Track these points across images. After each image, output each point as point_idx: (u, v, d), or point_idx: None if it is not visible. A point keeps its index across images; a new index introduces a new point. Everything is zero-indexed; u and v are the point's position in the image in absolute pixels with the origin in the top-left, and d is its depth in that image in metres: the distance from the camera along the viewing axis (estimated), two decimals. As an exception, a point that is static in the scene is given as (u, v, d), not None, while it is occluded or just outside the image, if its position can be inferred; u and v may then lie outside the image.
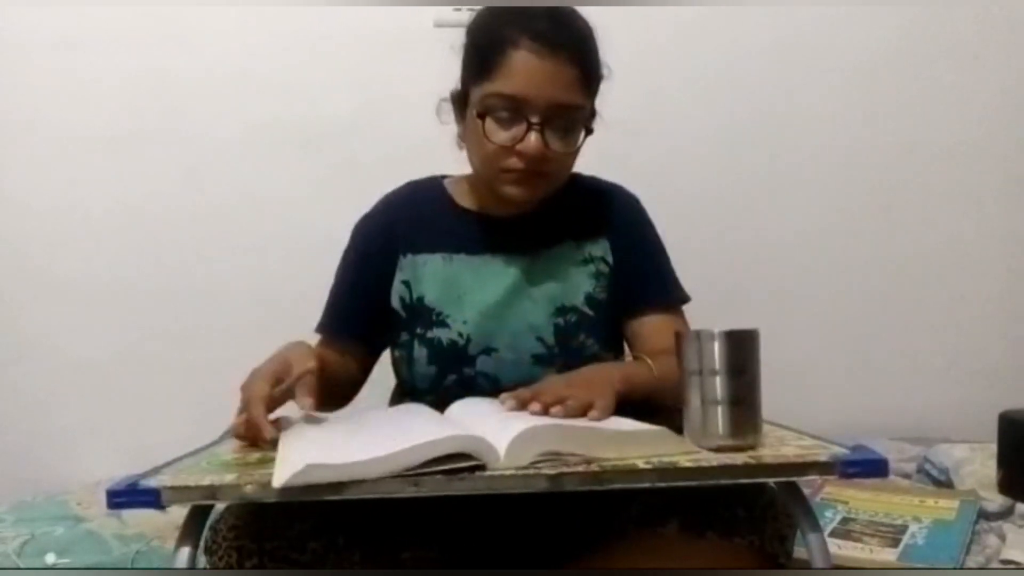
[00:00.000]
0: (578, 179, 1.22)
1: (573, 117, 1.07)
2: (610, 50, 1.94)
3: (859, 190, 2.03)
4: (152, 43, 1.94)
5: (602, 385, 0.93)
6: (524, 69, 1.03)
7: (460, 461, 0.73)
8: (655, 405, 0.95)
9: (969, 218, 2.04)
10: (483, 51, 1.07)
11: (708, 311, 1.12)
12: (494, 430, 0.77)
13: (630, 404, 0.94)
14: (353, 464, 0.71)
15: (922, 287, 2.03)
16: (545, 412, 0.85)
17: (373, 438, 0.79)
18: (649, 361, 1.03)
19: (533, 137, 1.04)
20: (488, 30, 1.08)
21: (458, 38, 1.12)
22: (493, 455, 0.74)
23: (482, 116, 1.06)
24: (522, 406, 0.89)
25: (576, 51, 1.05)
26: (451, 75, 1.15)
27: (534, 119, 1.04)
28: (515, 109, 1.04)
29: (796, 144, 2.02)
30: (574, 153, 1.10)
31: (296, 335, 1.20)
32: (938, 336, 2.03)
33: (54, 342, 1.95)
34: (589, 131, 1.10)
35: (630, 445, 0.79)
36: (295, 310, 1.23)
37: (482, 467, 0.73)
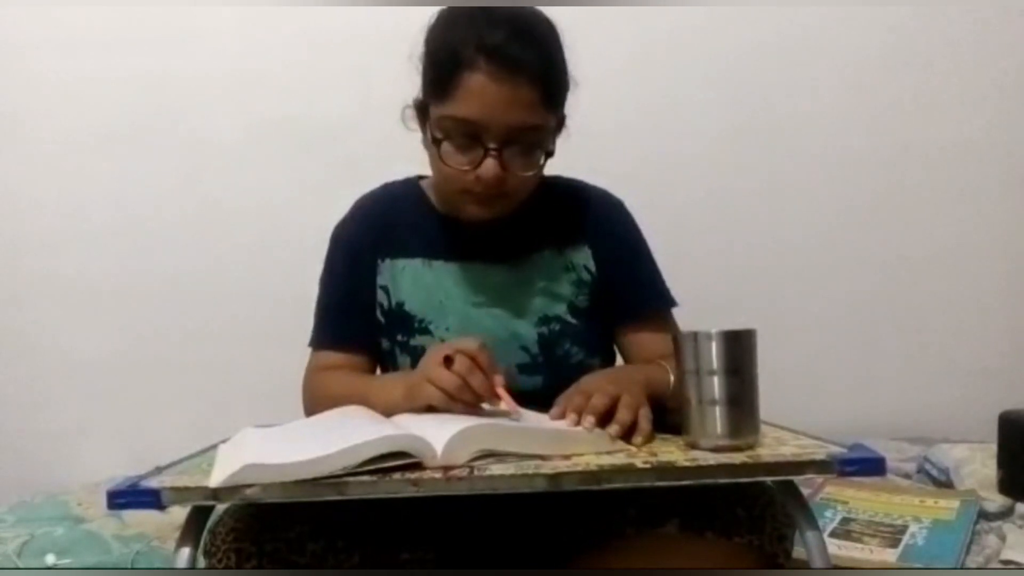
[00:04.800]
0: (560, 182, 1.20)
1: (534, 138, 1.02)
2: (609, 50, 1.95)
3: (858, 190, 2.03)
4: (152, 43, 1.94)
5: (633, 385, 0.92)
6: (480, 93, 0.98)
7: (401, 460, 0.75)
8: (670, 408, 0.95)
9: (969, 218, 2.04)
10: (438, 68, 1.02)
11: (708, 312, 1.12)
12: (433, 429, 0.79)
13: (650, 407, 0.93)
14: (291, 464, 0.72)
15: (922, 287, 2.03)
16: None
17: (313, 440, 0.80)
18: (666, 365, 0.99)
19: (491, 163, 1.00)
20: (443, 44, 1.02)
21: (416, 45, 1.06)
22: (431, 453, 0.76)
23: (438, 140, 1.02)
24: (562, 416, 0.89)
25: (537, 69, 0.99)
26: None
27: (491, 144, 0.99)
28: (471, 134, 1.00)
29: (795, 144, 2.02)
30: (537, 171, 1.06)
31: (296, 335, 1.20)
32: (938, 336, 2.03)
33: (54, 342, 1.95)
34: (550, 154, 1.05)
35: (564, 443, 0.82)
36: (295, 310, 1.23)
37: (419, 465, 0.75)
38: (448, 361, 0.89)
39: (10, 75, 1.94)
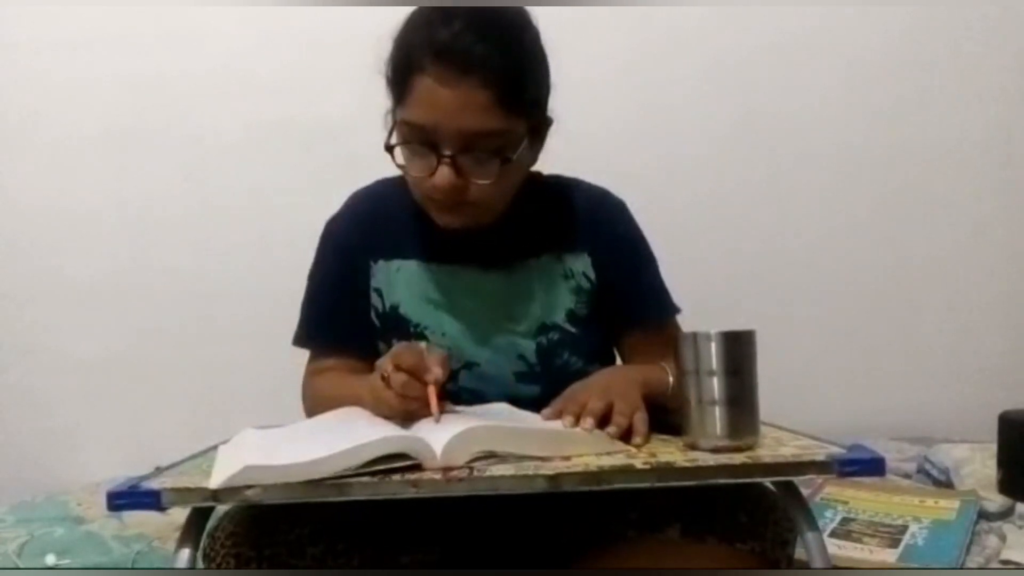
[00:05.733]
0: (559, 183, 1.16)
1: (493, 144, 0.95)
2: (609, 50, 1.94)
3: (859, 190, 2.03)
4: (152, 43, 1.94)
5: (629, 387, 0.92)
6: (430, 98, 0.93)
7: (401, 461, 0.75)
8: (670, 408, 0.94)
9: (969, 218, 2.04)
10: (395, 72, 0.99)
11: (708, 312, 1.12)
12: (432, 431, 0.79)
13: (648, 407, 0.93)
14: (291, 466, 0.72)
15: (922, 288, 2.03)
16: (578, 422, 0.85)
17: (313, 441, 0.80)
18: (665, 366, 0.98)
19: (444, 171, 0.95)
20: (399, 47, 0.99)
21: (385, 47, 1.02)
22: (430, 454, 0.76)
23: (391, 147, 0.99)
24: (556, 417, 0.88)
25: (491, 69, 0.92)
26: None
27: (445, 151, 0.94)
28: (426, 141, 0.95)
29: (796, 145, 2.02)
30: (504, 178, 0.99)
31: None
32: (938, 336, 2.03)
33: (54, 342, 1.95)
34: (507, 160, 0.97)
35: (564, 444, 0.81)
36: (295, 310, 1.23)
37: (419, 466, 0.75)
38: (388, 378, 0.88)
39: (11, 75, 1.94)
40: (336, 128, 1.93)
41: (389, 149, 0.99)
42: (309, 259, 1.22)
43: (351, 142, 1.90)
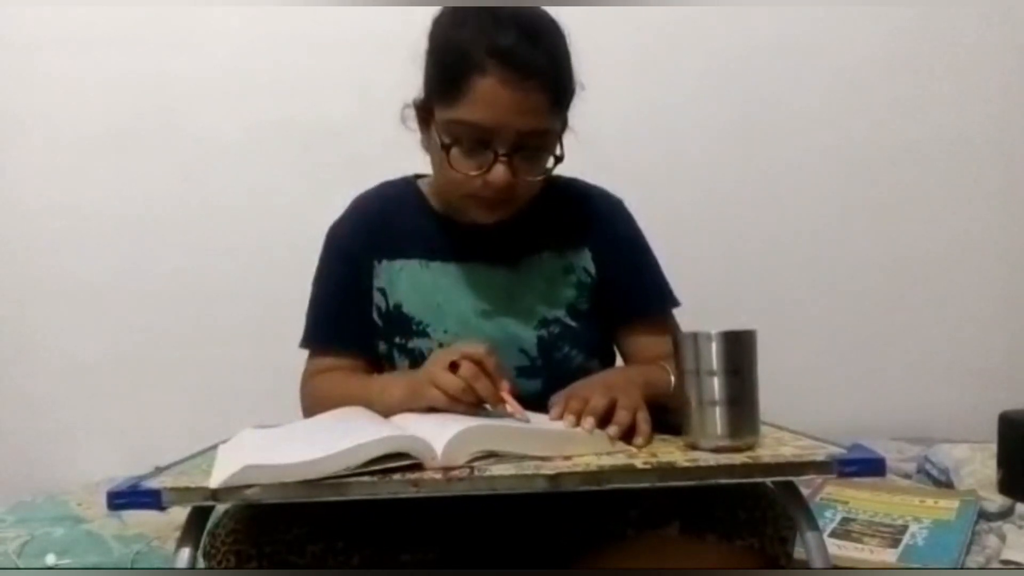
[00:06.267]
0: (559, 183, 1.17)
1: (542, 142, 1.01)
2: (609, 50, 1.94)
3: (859, 190, 2.03)
4: (152, 43, 1.95)
5: (631, 386, 0.92)
6: (492, 99, 0.96)
7: (400, 461, 0.75)
8: (672, 409, 0.94)
9: (969, 218, 2.04)
10: (447, 71, 0.99)
11: (708, 312, 1.12)
12: (432, 430, 0.79)
13: (650, 408, 0.93)
14: (291, 465, 0.72)
15: (922, 287, 2.03)
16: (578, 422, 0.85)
17: (313, 441, 0.80)
18: (667, 366, 0.97)
19: (500, 169, 0.98)
20: (452, 47, 1.00)
21: (419, 44, 1.04)
22: (430, 454, 0.76)
23: (447, 146, 1.00)
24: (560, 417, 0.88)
25: (548, 74, 0.97)
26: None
27: (501, 150, 0.98)
28: (480, 139, 0.98)
29: (795, 144, 2.02)
30: (545, 175, 1.05)
31: (296, 335, 1.20)
32: (938, 336, 2.03)
33: (54, 342, 1.95)
34: (559, 158, 1.04)
35: (564, 444, 0.82)
36: (295, 310, 1.23)
37: (419, 466, 0.76)
38: (455, 366, 0.89)
39: (11, 75, 1.94)
40: (336, 128, 1.94)
41: (446, 148, 1.00)
42: (309, 259, 1.22)
43: (351, 142, 1.91)
